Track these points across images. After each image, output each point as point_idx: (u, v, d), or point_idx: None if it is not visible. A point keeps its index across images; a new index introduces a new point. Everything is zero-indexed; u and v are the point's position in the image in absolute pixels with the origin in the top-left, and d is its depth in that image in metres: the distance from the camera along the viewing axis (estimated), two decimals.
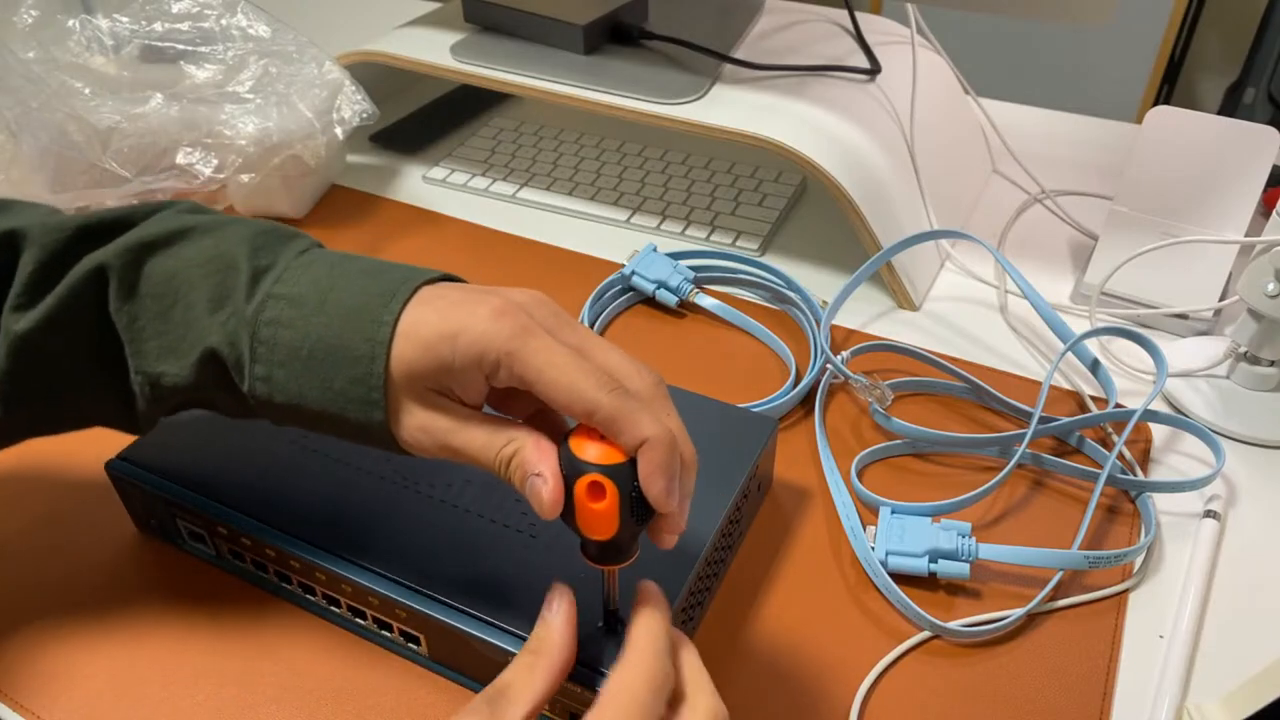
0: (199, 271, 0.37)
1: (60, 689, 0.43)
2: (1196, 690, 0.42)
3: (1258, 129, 0.60)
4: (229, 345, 0.36)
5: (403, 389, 0.34)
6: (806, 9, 0.83)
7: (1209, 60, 2.09)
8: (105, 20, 0.71)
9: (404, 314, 0.34)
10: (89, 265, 0.37)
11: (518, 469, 0.33)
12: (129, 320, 0.37)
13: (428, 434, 0.34)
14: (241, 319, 0.35)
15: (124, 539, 0.49)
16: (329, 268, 0.36)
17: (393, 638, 0.43)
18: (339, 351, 0.34)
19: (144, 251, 0.37)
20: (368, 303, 0.35)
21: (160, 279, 0.37)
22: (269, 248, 0.37)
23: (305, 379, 0.35)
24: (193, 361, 0.36)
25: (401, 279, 0.35)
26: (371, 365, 0.34)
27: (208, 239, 0.38)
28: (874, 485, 0.52)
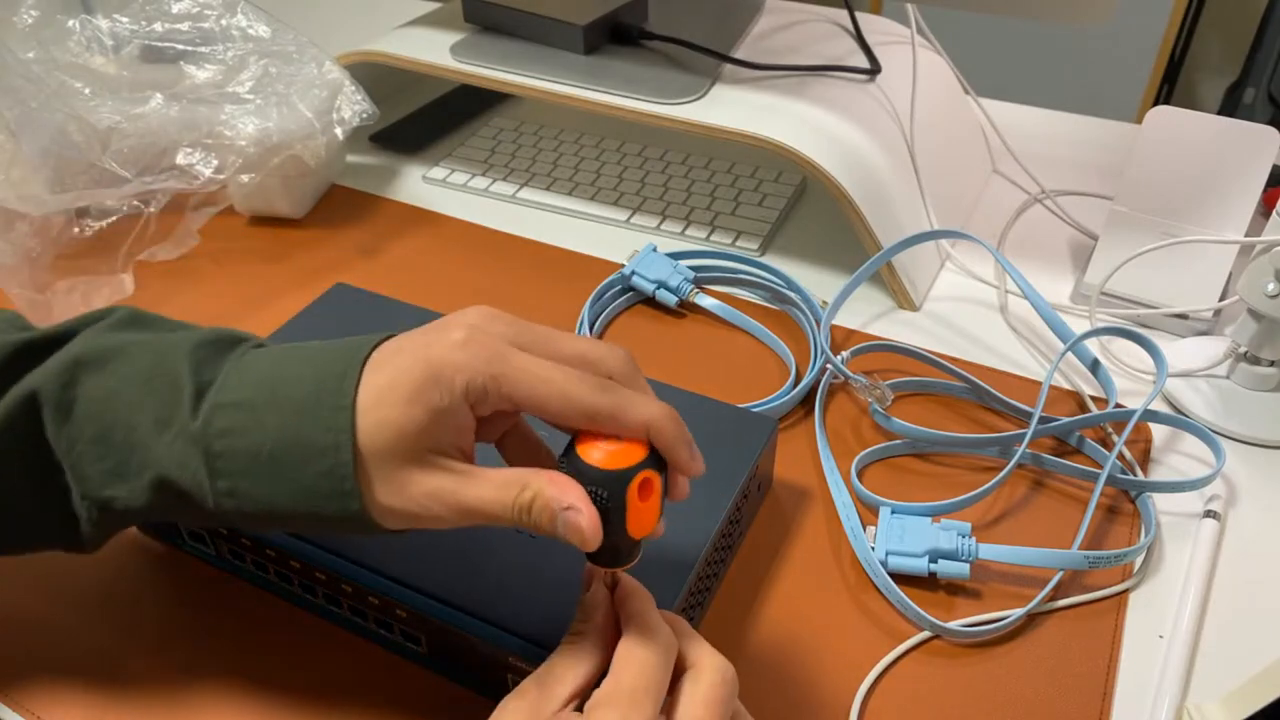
0: (138, 391, 0.35)
1: (60, 689, 0.43)
2: (1196, 690, 0.42)
3: (1258, 129, 0.60)
4: (182, 469, 0.34)
5: (392, 462, 0.32)
6: (806, 9, 0.83)
7: (1209, 60, 2.09)
8: (105, 20, 0.71)
9: (360, 389, 0.33)
10: (21, 392, 0.35)
11: (543, 511, 0.32)
12: (68, 445, 0.35)
13: (437, 500, 0.32)
14: (190, 438, 0.34)
15: (124, 539, 0.49)
16: (271, 364, 0.35)
17: (392, 638, 0.43)
18: (300, 448, 0.33)
19: (78, 371, 0.36)
20: (318, 389, 0.33)
21: (96, 400, 0.35)
22: (211, 360, 0.35)
23: (271, 483, 0.33)
24: (144, 486, 0.35)
25: (346, 354, 0.34)
26: (337, 455, 0.32)
27: (146, 355, 0.36)
28: (874, 485, 0.52)
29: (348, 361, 0.33)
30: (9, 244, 0.63)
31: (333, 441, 0.32)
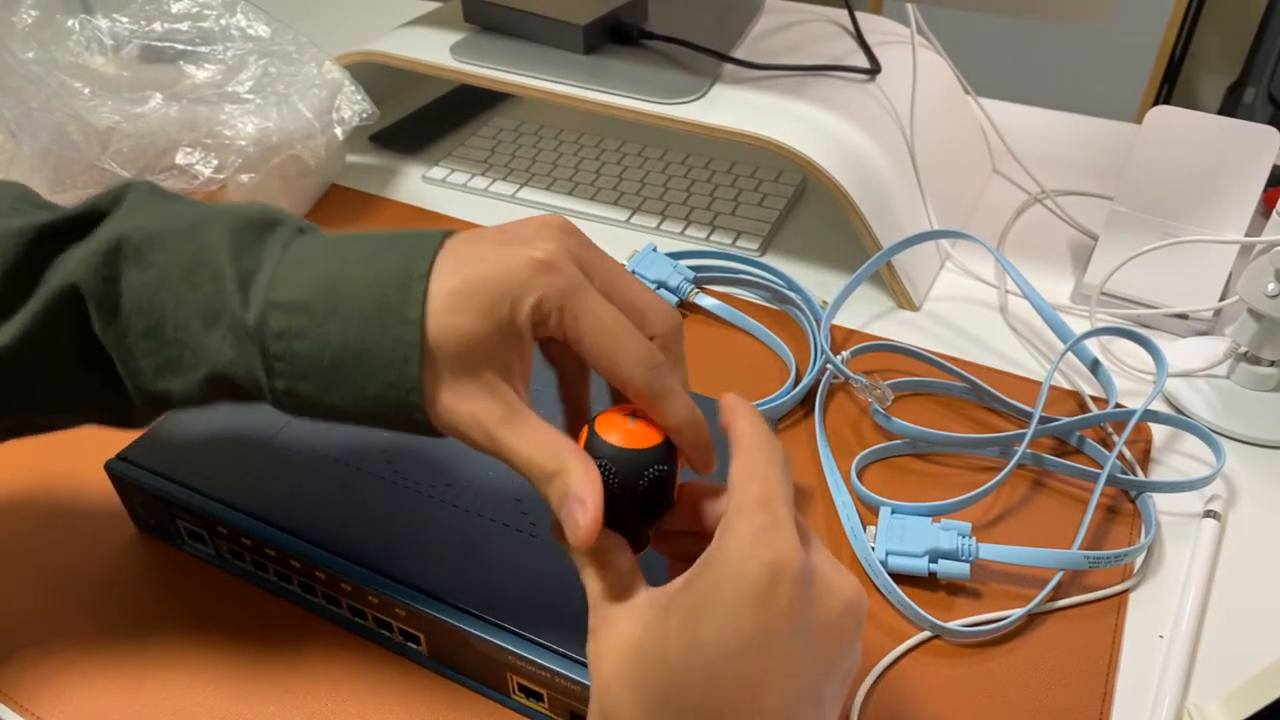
0: (182, 284, 0.34)
1: (60, 689, 0.43)
2: (1196, 690, 0.42)
3: (1258, 129, 0.60)
4: (236, 365, 0.34)
5: (457, 370, 0.32)
6: (806, 9, 0.82)
7: (1209, 60, 2.09)
8: (105, 20, 0.71)
9: (429, 299, 0.32)
10: (60, 284, 0.34)
11: (559, 490, 0.32)
12: (117, 340, 0.35)
13: (479, 426, 0.32)
14: (244, 333, 0.33)
15: (124, 539, 0.49)
16: (325, 259, 0.34)
17: (392, 637, 0.43)
18: (364, 357, 0.32)
19: (117, 263, 0.35)
20: (382, 298, 0.32)
21: (141, 295, 0.34)
22: (251, 246, 0.34)
23: (333, 389, 0.33)
24: (198, 381, 0.35)
25: (410, 256, 0.33)
26: (404, 367, 0.32)
27: (184, 244, 0.35)
28: (874, 485, 0.52)
29: (412, 266, 0.32)
30: None
31: (401, 354, 0.32)
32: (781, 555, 0.28)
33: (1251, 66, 1.88)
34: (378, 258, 0.33)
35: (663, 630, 0.29)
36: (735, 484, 0.31)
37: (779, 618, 0.28)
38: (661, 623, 0.29)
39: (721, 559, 0.28)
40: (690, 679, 0.28)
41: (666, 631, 0.29)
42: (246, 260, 0.34)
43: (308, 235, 0.36)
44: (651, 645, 0.29)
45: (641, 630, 0.30)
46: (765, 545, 0.28)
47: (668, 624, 0.29)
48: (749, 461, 0.31)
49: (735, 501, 0.30)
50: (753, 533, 0.29)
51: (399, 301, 0.32)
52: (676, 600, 0.29)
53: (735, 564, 0.28)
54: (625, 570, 0.32)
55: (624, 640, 0.30)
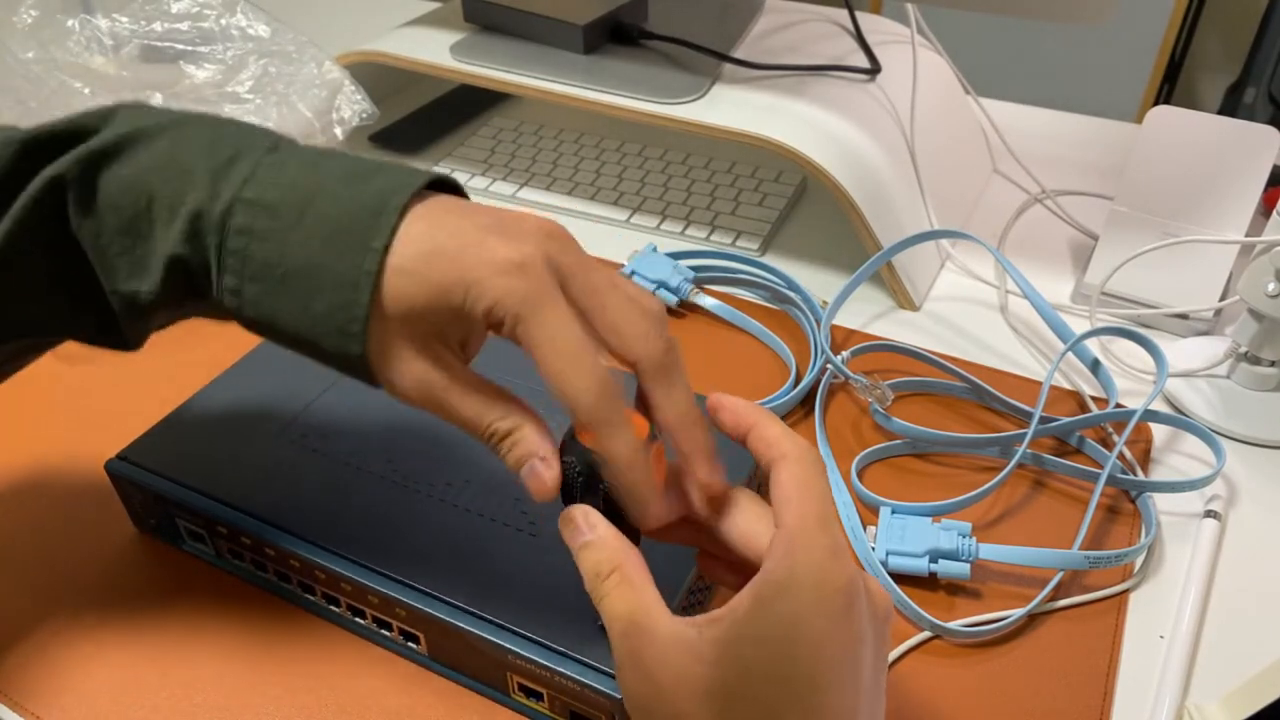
0: (158, 177, 0.33)
1: (60, 689, 0.43)
2: (1196, 690, 0.42)
3: (1258, 129, 0.60)
4: (193, 250, 0.33)
5: (397, 329, 0.31)
6: (806, 9, 0.82)
7: (1209, 60, 2.09)
8: (105, 20, 0.71)
9: (397, 238, 0.31)
10: (44, 179, 0.34)
11: (514, 448, 0.31)
12: (92, 238, 0.34)
13: (422, 387, 0.32)
14: (207, 221, 0.32)
15: (124, 539, 0.49)
16: (305, 169, 0.33)
17: (392, 637, 0.43)
18: (319, 272, 0.31)
19: (99, 160, 0.34)
20: (354, 218, 0.31)
21: (118, 190, 0.33)
22: (229, 140, 0.34)
23: (279, 299, 0.32)
24: (158, 269, 0.33)
25: (390, 187, 0.32)
26: (355, 294, 0.31)
27: (163, 140, 0.34)
28: (874, 485, 0.52)
29: (388, 198, 0.32)
30: None
31: (353, 279, 0.31)
32: (854, 580, 0.29)
33: (1251, 66, 1.88)
34: (359, 178, 0.32)
35: (740, 663, 0.28)
36: (791, 498, 0.30)
37: (859, 640, 0.28)
38: (735, 654, 0.28)
39: (796, 585, 0.28)
40: (788, 709, 0.27)
41: (746, 663, 0.28)
42: (223, 150, 0.33)
43: (295, 145, 0.35)
44: (732, 679, 0.28)
45: (711, 665, 0.28)
46: (839, 570, 0.28)
47: (744, 654, 0.28)
48: (801, 475, 0.31)
49: (797, 520, 0.29)
50: (824, 557, 0.28)
51: (367, 228, 0.31)
52: (747, 629, 0.28)
53: (813, 590, 0.28)
54: (649, 585, 0.31)
55: (693, 676, 0.28)
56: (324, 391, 0.50)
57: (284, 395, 0.50)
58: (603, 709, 0.37)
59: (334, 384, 0.51)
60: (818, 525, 0.29)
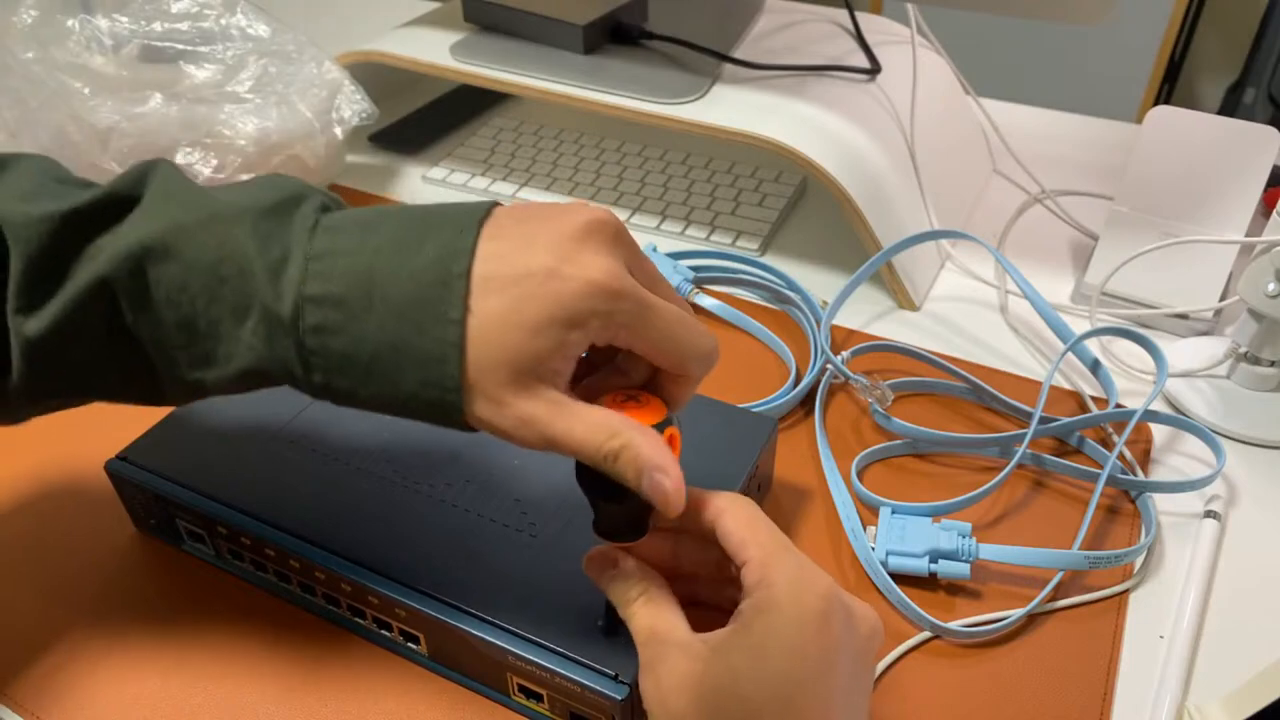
0: (210, 278, 0.33)
1: (60, 689, 0.43)
2: (1196, 690, 0.42)
3: (1258, 129, 0.60)
4: (272, 360, 0.34)
5: (493, 384, 0.31)
6: (806, 9, 0.82)
7: (1209, 60, 2.09)
8: (105, 20, 0.71)
9: (472, 298, 0.31)
10: (89, 278, 0.34)
11: (630, 464, 0.32)
12: (149, 332, 0.35)
13: (529, 427, 0.32)
14: (279, 328, 0.33)
15: (124, 539, 0.49)
16: (356, 251, 0.33)
17: (392, 637, 0.43)
18: (403, 354, 0.32)
19: (143, 260, 0.34)
20: (422, 293, 0.31)
21: (171, 289, 0.34)
22: (276, 236, 0.34)
23: (370, 384, 0.33)
24: (232, 374, 0.34)
25: (447, 249, 0.32)
26: (443, 368, 0.31)
27: (209, 236, 0.34)
28: (874, 485, 0.52)
29: (450, 262, 0.32)
30: None
31: (439, 354, 0.31)
32: (829, 589, 0.32)
33: (1251, 66, 1.88)
34: (412, 247, 0.32)
35: (728, 667, 0.31)
36: (745, 537, 0.33)
37: (835, 645, 0.31)
38: (725, 660, 0.31)
39: (776, 601, 0.31)
40: (767, 708, 0.30)
41: (733, 667, 0.31)
42: (273, 249, 0.33)
43: (333, 213, 0.35)
44: (721, 681, 0.31)
45: (703, 668, 0.31)
46: (813, 583, 0.32)
47: (732, 661, 0.31)
48: (746, 517, 0.34)
49: (759, 552, 0.32)
50: (796, 574, 0.32)
51: (438, 299, 0.31)
52: (736, 640, 0.31)
53: (791, 602, 0.31)
54: (672, 605, 0.34)
55: (688, 677, 0.31)
56: None
57: (284, 395, 0.50)
58: (602, 710, 0.37)
59: None
60: (783, 551, 0.33)
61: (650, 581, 0.34)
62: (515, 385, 0.32)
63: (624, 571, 0.35)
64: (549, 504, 0.44)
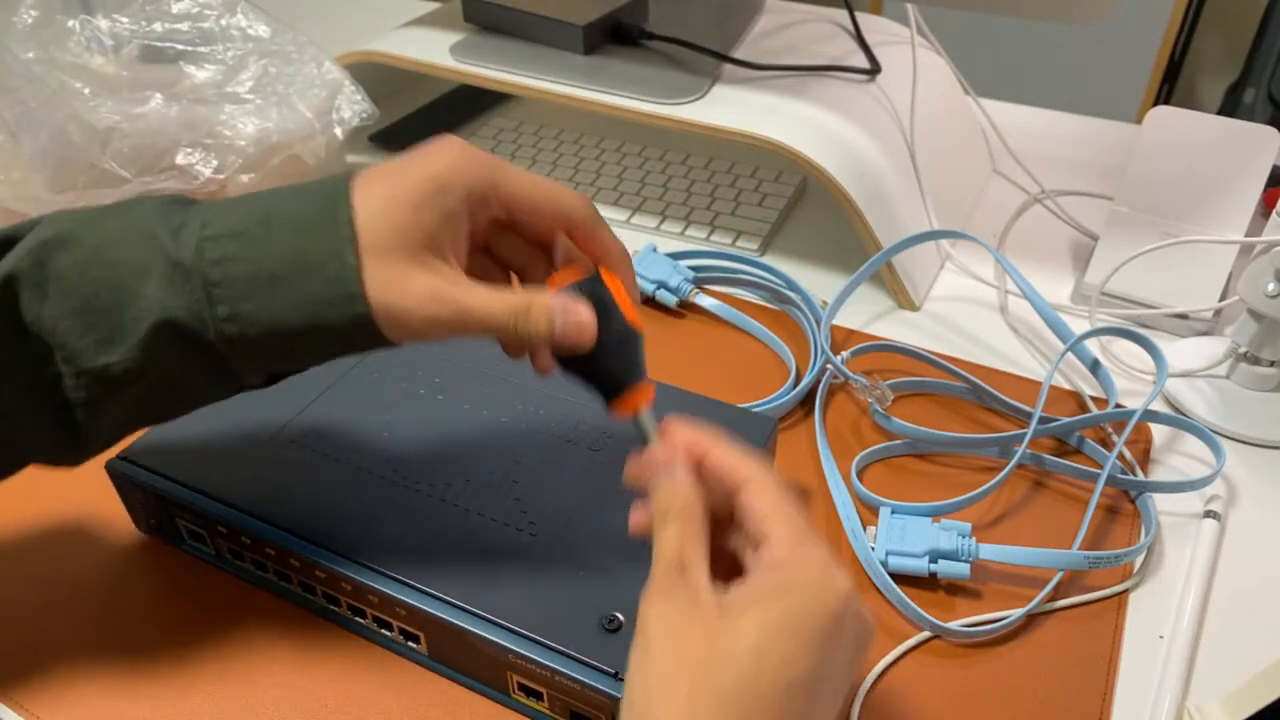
0: (113, 253, 0.35)
1: (60, 688, 0.43)
2: (1196, 690, 0.42)
3: (1258, 129, 0.60)
4: (178, 305, 0.34)
5: (395, 261, 0.34)
6: (806, 9, 0.83)
7: (1209, 60, 2.09)
8: (105, 20, 0.71)
9: (356, 203, 0.35)
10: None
11: (541, 315, 0.35)
12: (51, 325, 0.35)
13: (438, 301, 0.34)
14: (181, 272, 0.34)
15: (124, 539, 0.49)
16: (249, 200, 0.36)
17: (392, 637, 0.43)
18: (302, 262, 0.34)
19: (45, 251, 0.35)
20: (312, 210, 0.35)
21: (72, 273, 0.35)
22: (176, 210, 0.36)
23: (274, 301, 0.34)
24: (140, 339, 0.34)
25: (330, 182, 0.36)
26: (341, 261, 0.34)
27: (111, 219, 0.36)
28: (874, 485, 0.52)
29: (335, 186, 0.35)
30: None
31: (335, 250, 0.34)
32: (852, 591, 0.31)
33: (1251, 66, 1.88)
34: (301, 189, 0.36)
35: (736, 633, 0.29)
36: (774, 513, 0.32)
37: (843, 648, 0.30)
38: (735, 626, 0.30)
39: (801, 585, 0.30)
40: (762, 685, 0.29)
41: (741, 636, 0.29)
42: (174, 219, 0.36)
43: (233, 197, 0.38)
44: (724, 643, 0.29)
45: (710, 624, 0.30)
46: (838, 579, 0.31)
47: (742, 628, 0.29)
48: (777, 492, 0.33)
49: (788, 529, 0.32)
50: (824, 565, 0.31)
51: (327, 209, 0.35)
52: (752, 611, 0.30)
53: (815, 594, 0.30)
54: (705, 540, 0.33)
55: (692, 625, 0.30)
56: (324, 392, 0.50)
57: (284, 395, 0.50)
58: (603, 708, 0.38)
59: (334, 384, 0.51)
60: (810, 534, 0.32)
61: (698, 503, 0.33)
62: (413, 261, 0.34)
63: (676, 477, 0.34)
64: (549, 503, 0.44)
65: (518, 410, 0.49)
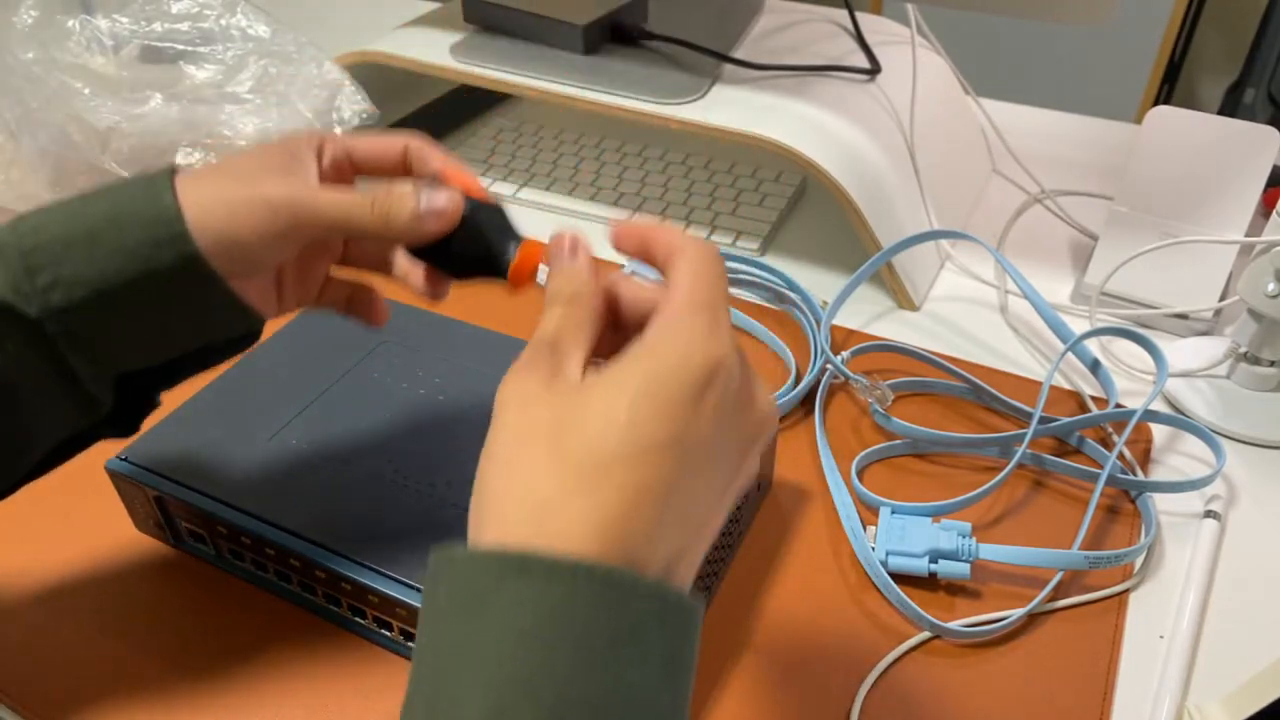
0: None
1: (60, 689, 0.43)
2: (1196, 690, 0.42)
3: (1258, 129, 0.60)
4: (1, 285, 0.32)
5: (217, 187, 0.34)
6: (806, 9, 0.82)
7: (1209, 60, 2.09)
8: (105, 20, 0.71)
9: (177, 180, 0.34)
10: None
11: (402, 197, 0.35)
12: None
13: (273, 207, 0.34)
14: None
15: (124, 539, 0.49)
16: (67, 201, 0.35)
17: (392, 637, 0.43)
18: (120, 216, 0.33)
19: None
20: (130, 182, 0.34)
21: None
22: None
23: (94, 256, 0.33)
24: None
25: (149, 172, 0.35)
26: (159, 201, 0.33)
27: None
28: (874, 485, 0.52)
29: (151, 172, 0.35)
30: None
31: (152, 195, 0.33)
32: (722, 358, 0.28)
33: (1251, 66, 1.88)
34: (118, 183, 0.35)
35: (582, 401, 0.27)
36: (679, 281, 0.30)
37: (706, 417, 0.27)
38: (582, 395, 0.28)
39: (662, 350, 0.28)
40: (611, 453, 0.26)
41: (587, 402, 0.27)
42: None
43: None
44: (570, 414, 0.27)
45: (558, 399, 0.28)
46: (709, 345, 0.28)
47: (589, 396, 0.27)
48: (695, 265, 0.30)
49: (680, 297, 0.29)
50: (698, 331, 0.28)
51: (144, 178, 0.34)
52: (604, 377, 0.28)
53: (677, 358, 0.28)
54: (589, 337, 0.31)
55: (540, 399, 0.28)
56: (323, 392, 0.50)
57: (284, 395, 0.50)
58: None
59: (333, 384, 0.51)
60: (702, 305, 0.29)
61: (588, 289, 0.31)
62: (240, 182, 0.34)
63: (575, 262, 0.32)
64: None
65: None
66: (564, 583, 0.24)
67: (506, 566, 0.25)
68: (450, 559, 0.26)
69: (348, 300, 0.43)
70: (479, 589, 0.25)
